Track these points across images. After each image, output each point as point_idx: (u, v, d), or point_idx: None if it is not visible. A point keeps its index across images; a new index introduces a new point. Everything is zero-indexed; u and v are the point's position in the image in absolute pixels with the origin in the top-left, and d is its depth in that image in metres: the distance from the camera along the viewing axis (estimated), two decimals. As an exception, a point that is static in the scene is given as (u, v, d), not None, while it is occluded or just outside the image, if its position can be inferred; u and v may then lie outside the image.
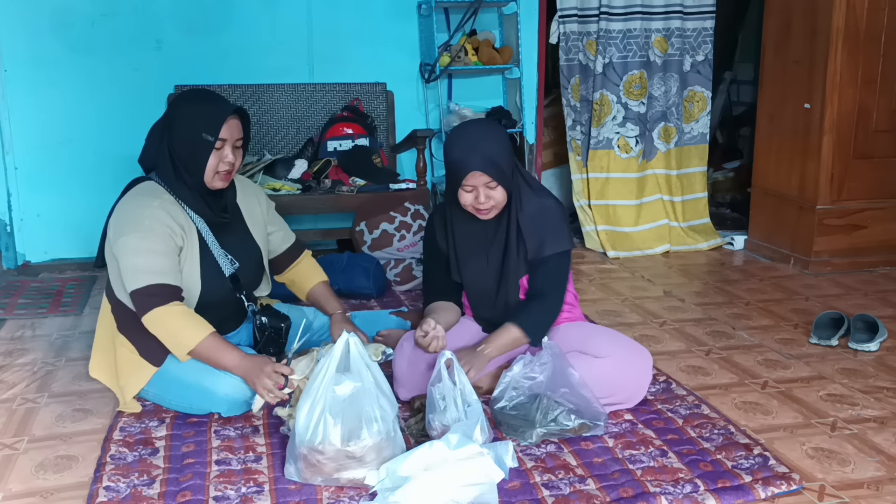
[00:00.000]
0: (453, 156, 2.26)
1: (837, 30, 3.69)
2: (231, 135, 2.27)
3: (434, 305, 2.46)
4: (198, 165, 2.25)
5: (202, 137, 2.23)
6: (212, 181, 2.29)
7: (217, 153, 2.26)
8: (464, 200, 2.28)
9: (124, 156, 3.93)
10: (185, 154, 2.26)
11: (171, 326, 2.18)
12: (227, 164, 2.28)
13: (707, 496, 1.88)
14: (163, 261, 2.19)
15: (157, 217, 2.22)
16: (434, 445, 1.86)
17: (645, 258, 4.23)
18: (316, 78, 4.23)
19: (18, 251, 4.02)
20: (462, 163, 2.22)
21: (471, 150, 2.22)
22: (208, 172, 2.27)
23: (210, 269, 2.32)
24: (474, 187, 2.25)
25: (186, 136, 2.25)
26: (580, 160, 4.42)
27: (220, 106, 2.28)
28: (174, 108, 2.31)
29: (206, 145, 2.23)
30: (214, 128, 2.23)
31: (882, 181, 3.93)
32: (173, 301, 2.18)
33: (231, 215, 2.41)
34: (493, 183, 2.23)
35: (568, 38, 4.31)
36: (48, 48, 3.87)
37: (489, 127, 2.35)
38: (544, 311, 2.35)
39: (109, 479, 1.96)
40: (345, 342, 1.95)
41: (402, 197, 3.74)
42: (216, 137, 2.23)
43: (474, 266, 2.40)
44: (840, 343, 2.92)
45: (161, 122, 2.33)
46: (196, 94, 2.40)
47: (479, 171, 2.21)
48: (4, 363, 2.76)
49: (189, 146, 2.25)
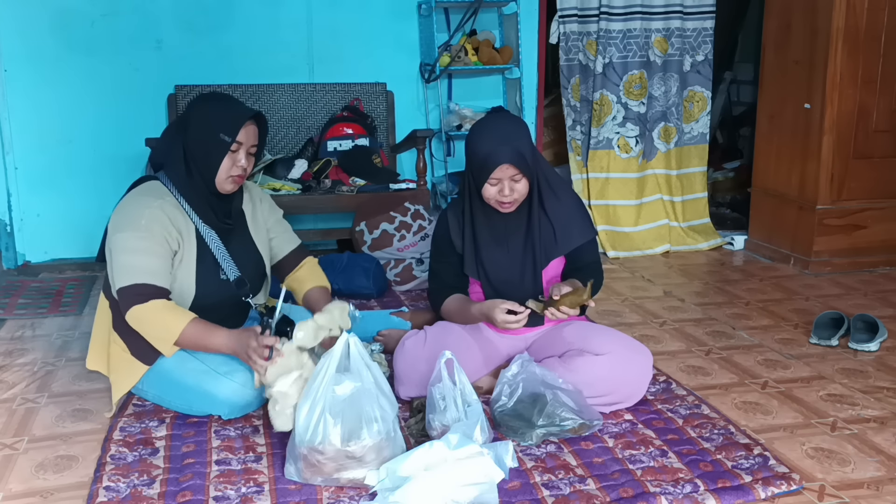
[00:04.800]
0: (481, 149, 2.25)
1: (837, 30, 3.69)
2: (247, 139, 2.27)
3: (455, 297, 2.46)
4: (211, 166, 2.24)
5: (219, 138, 2.22)
6: (223, 184, 2.28)
7: (231, 156, 2.25)
8: (488, 194, 2.29)
9: (124, 156, 3.95)
10: (200, 154, 2.25)
11: (153, 319, 2.16)
12: (240, 167, 2.27)
13: (707, 496, 1.88)
14: (154, 261, 2.19)
15: (155, 218, 2.22)
16: (434, 445, 1.86)
17: (645, 258, 4.23)
18: (316, 78, 4.23)
19: (18, 251, 4.02)
20: (491, 156, 2.22)
21: (497, 144, 2.22)
22: (220, 174, 2.25)
23: (206, 273, 2.31)
24: (499, 180, 2.25)
25: (203, 135, 2.24)
26: (580, 160, 4.42)
27: (240, 109, 2.28)
28: (192, 107, 2.30)
29: (222, 146, 2.22)
30: (232, 129, 2.22)
31: (882, 181, 3.93)
32: (154, 299, 2.17)
33: (234, 221, 2.40)
34: (519, 175, 2.24)
35: (568, 38, 4.31)
36: (48, 48, 3.87)
37: (513, 120, 2.35)
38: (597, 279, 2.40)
39: (109, 479, 1.96)
40: (345, 342, 1.95)
41: (402, 197, 3.74)
42: (233, 139, 2.22)
43: (496, 257, 2.39)
44: (840, 343, 2.92)
45: (177, 121, 2.33)
46: (216, 96, 2.38)
47: (508, 164, 2.22)
48: (4, 363, 2.76)
49: (204, 146, 2.24)
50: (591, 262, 2.44)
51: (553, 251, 2.38)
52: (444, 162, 4.44)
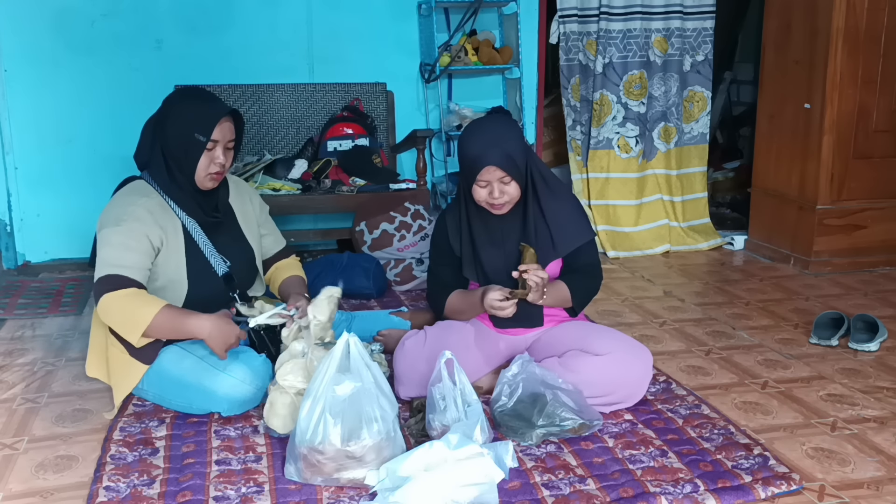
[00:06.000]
0: (468, 151, 2.26)
1: (837, 30, 3.69)
2: (223, 136, 2.28)
3: (456, 293, 2.47)
4: (189, 165, 2.26)
5: (194, 137, 2.23)
6: (203, 181, 2.30)
7: (208, 154, 2.26)
8: (478, 196, 2.29)
9: (124, 156, 3.90)
10: (177, 153, 2.26)
11: (123, 306, 2.16)
12: (217, 165, 2.29)
13: (707, 496, 1.88)
14: (130, 256, 2.20)
15: (136, 216, 2.23)
16: (434, 445, 1.86)
17: (645, 258, 4.23)
18: (316, 78, 4.23)
19: (18, 251, 4.02)
20: (477, 158, 2.23)
21: (486, 146, 2.23)
22: (199, 173, 2.27)
23: (198, 269, 2.33)
24: (488, 182, 2.25)
25: (178, 135, 2.25)
26: (580, 160, 4.42)
27: (214, 106, 2.28)
28: (167, 105, 2.31)
29: (197, 145, 2.24)
30: (207, 128, 2.23)
31: (882, 181, 3.93)
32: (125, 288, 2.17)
33: (223, 215, 2.42)
34: (508, 178, 2.25)
35: (568, 38, 4.31)
36: (48, 48, 3.86)
37: (503, 122, 2.36)
38: (588, 282, 2.42)
39: (109, 479, 1.96)
40: (345, 342, 1.95)
41: (402, 197, 3.74)
42: (208, 138, 2.24)
43: (493, 259, 2.40)
44: (840, 343, 2.92)
45: (154, 119, 2.33)
46: (190, 93, 2.40)
47: (494, 166, 2.22)
48: (4, 363, 2.76)
49: (181, 145, 2.25)
50: (589, 263, 2.43)
51: (550, 253, 2.38)
52: (444, 162, 4.44)
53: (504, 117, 2.49)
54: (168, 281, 2.30)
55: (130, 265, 2.19)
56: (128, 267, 2.19)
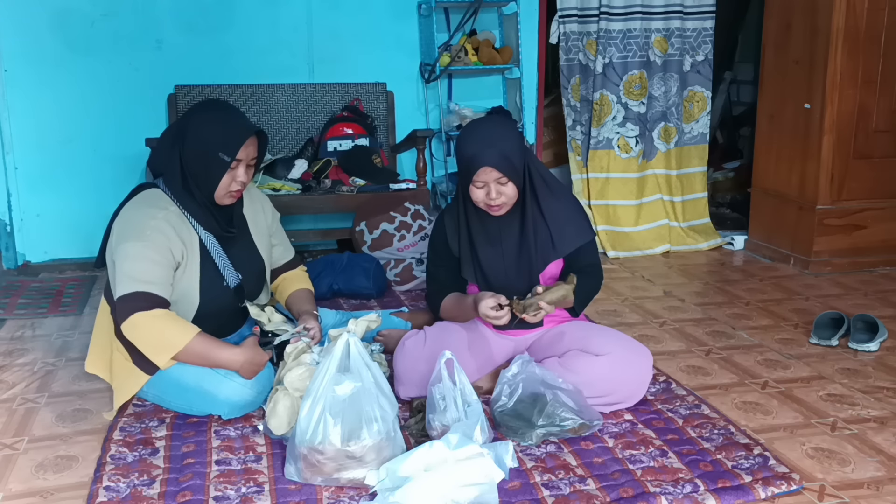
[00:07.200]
0: (465, 152, 2.26)
1: (837, 30, 3.69)
2: (247, 155, 2.25)
3: (451, 295, 2.46)
4: (209, 182, 2.23)
5: (218, 156, 2.19)
6: (222, 198, 2.27)
7: (231, 172, 2.23)
8: (475, 197, 2.29)
9: (124, 156, 3.95)
10: (198, 168, 2.22)
11: (155, 328, 2.14)
12: (239, 183, 2.26)
13: (707, 496, 1.88)
14: (157, 271, 2.17)
15: (160, 229, 2.20)
16: (434, 445, 1.86)
17: (645, 258, 4.23)
18: (316, 78, 4.23)
19: (18, 251, 4.02)
20: (474, 159, 2.22)
21: (482, 147, 2.22)
22: (220, 190, 2.24)
23: (210, 281, 2.30)
24: (485, 183, 2.25)
25: (201, 151, 2.21)
26: (580, 160, 4.42)
27: (240, 125, 2.24)
28: (190, 118, 2.26)
29: (220, 164, 2.20)
30: (232, 149, 2.20)
31: (882, 181, 3.93)
32: (157, 308, 2.16)
33: (237, 228, 2.39)
34: (504, 179, 2.24)
35: (568, 38, 4.31)
36: (48, 48, 3.86)
37: (500, 123, 2.36)
38: (589, 282, 2.38)
39: (109, 479, 1.96)
40: (345, 342, 1.95)
41: (402, 197, 3.74)
42: (233, 158, 2.20)
43: (491, 259, 2.39)
44: (840, 343, 2.92)
45: (174, 129, 2.29)
46: (215, 106, 2.33)
47: (490, 167, 2.21)
48: (4, 363, 2.76)
49: (202, 162, 2.21)
50: (589, 264, 2.42)
51: (550, 254, 2.37)
52: (444, 162, 4.44)
53: (502, 118, 2.48)
54: (180, 295, 2.26)
55: (157, 280, 2.17)
56: (155, 283, 2.16)
